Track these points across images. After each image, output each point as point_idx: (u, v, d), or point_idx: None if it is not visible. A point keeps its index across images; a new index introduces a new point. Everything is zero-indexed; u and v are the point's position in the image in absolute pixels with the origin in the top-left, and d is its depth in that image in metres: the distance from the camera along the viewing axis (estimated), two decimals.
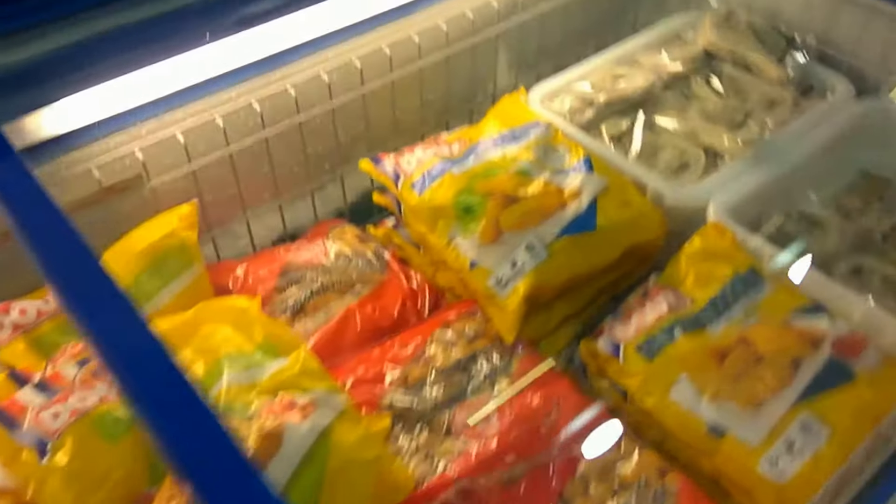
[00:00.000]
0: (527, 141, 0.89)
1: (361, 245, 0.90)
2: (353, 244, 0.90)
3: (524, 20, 1.02)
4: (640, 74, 0.99)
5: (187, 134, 0.80)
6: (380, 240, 0.91)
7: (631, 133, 0.94)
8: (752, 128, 0.91)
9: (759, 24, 1.02)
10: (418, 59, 0.93)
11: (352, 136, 0.96)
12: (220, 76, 0.80)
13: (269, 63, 0.82)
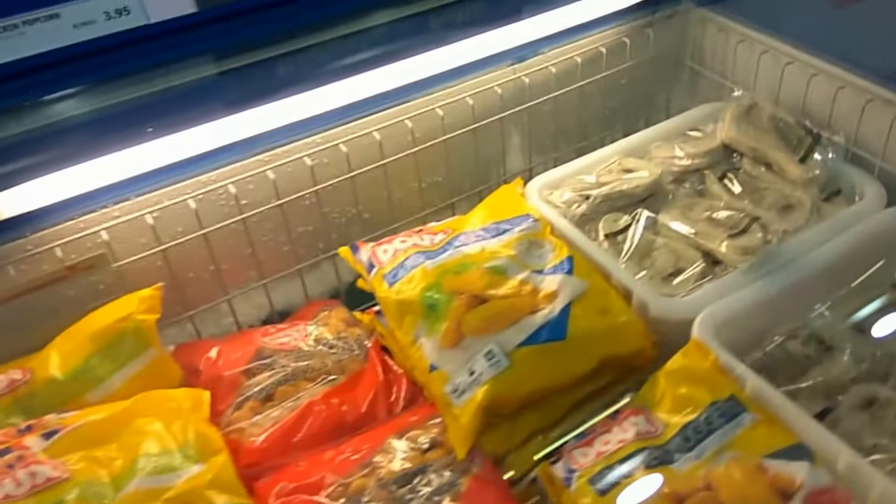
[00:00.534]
0: (511, 235, 0.86)
1: (346, 330, 0.89)
2: (338, 329, 0.89)
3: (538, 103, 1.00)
4: (649, 168, 0.94)
5: (158, 216, 0.81)
6: (365, 326, 0.90)
7: (629, 230, 0.89)
8: (754, 234, 0.84)
9: (784, 119, 0.95)
10: (412, 145, 0.92)
11: (347, 217, 0.95)
12: (197, 158, 0.80)
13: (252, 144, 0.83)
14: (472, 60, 0.91)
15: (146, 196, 0.81)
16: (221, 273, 0.88)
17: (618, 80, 1.04)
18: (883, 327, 0.84)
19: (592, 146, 1.06)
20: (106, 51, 0.77)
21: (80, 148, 0.74)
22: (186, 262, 0.86)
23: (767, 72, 1.00)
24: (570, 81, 0.99)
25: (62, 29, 0.73)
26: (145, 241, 0.82)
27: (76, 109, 0.72)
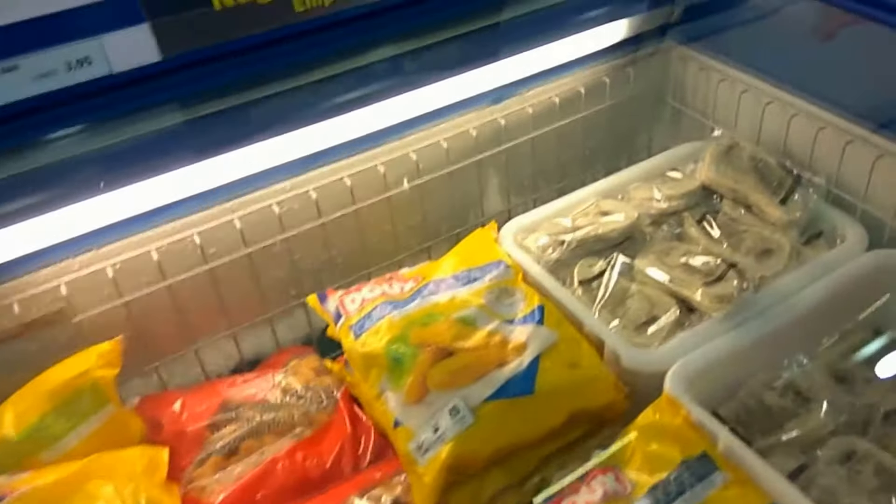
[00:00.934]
0: (482, 283, 0.84)
1: (315, 380, 0.87)
2: (307, 378, 0.87)
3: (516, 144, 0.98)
4: (626, 210, 0.92)
5: (120, 267, 0.80)
6: (335, 375, 0.88)
7: (604, 276, 0.87)
8: (730, 282, 0.82)
9: (764, 160, 0.93)
10: (385, 190, 0.91)
11: (319, 262, 0.94)
12: (162, 207, 0.80)
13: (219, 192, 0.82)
14: (447, 104, 0.90)
15: (109, 247, 0.80)
16: (188, 323, 0.87)
17: (598, 120, 1.03)
18: (863, 376, 0.82)
19: (573, 185, 1.04)
20: (68, 102, 0.76)
21: (41, 200, 0.73)
22: (151, 313, 0.84)
23: (748, 111, 0.98)
24: (548, 122, 0.98)
25: (22, 81, 0.72)
26: (108, 292, 0.81)
27: (37, 161, 0.72)
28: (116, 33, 0.77)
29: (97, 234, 0.78)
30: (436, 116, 0.90)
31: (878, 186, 0.89)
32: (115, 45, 0.77)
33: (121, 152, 0.77)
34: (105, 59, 0.77)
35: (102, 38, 0.76)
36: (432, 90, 0.88)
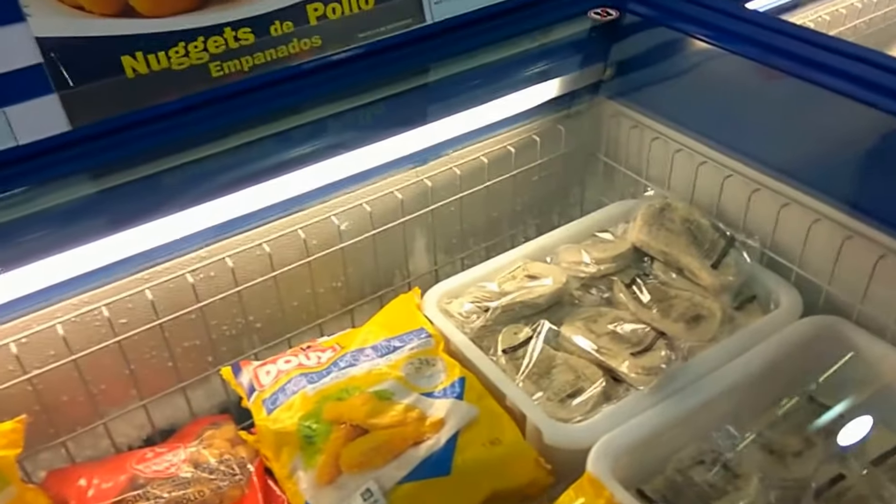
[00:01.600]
0: (401, 354, 0.81)
1: (230, 451, 0.83)
2: (221, 450, 0.82)
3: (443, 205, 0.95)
4: (554, 274, 0.89)
5: (26, 342, 0.76)
6: (251, 446, 0.85)
7: (529, 344, 0.85)
8: (658, 353, 0.80)
9: (697, 221, 0.91)
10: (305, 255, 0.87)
11: (237, 329, 0.90)
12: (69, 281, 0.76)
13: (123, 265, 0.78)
14: (370, 167, 0.88)
15: (12, 323, 0.76)
16: (97, 395, 0.83)
17: (528, 178, 1.01)
18: (795, 449, 0.80)
19: (503, 243, 1.03)
20: None
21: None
22: (58, 386, 0.80)
23: (682, 170, 0.97)
24: (476, 182, 0.96)
25: None
26: (11, 368, 0.76)
27: None
28: (22, 105, 0.74)
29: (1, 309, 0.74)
30: (359, 179, 0.87)
31: (814, 250, 0.87)
32: (20, 117, 0.74)
33: (26, 226, 0.73)
34: (10, 131, 0.74)
35: (6, 109, 0.74)
36: (355, 154, 0.86)
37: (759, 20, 0.89)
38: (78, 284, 0.78)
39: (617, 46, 0.99)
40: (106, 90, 0.79)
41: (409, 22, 0.92)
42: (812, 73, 0.80)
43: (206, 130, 0.82)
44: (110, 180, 0.80)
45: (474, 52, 0.93)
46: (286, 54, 0.86)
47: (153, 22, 0.79)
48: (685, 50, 0.92)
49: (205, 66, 0.83)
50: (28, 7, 0.74)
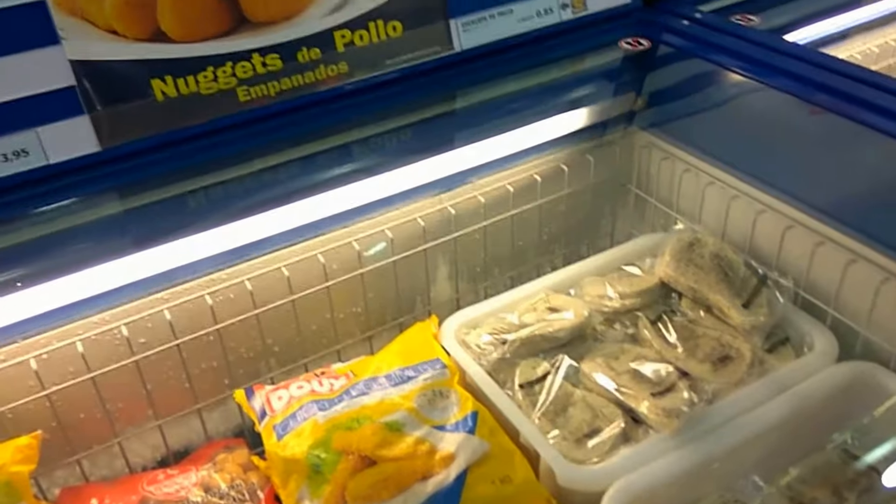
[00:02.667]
0: (414, 384, 0.80)
1: (241, 476, 0.82)
2: (233, 474, 0.82)
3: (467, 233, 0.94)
4: (576, 307, 0.87)
5: (46, 358, 0.77)
6: (262, 472, 0.83)
7: (546, 379, 0.82)
8: (680, 394, 0.76)
9: (727, 258, 0.88)
10: (325, 280, 0.87)
11: (255, 352, 0.90)
12: (92, 298, 0.75)
13: (144, 284, 0.77)
14: (393, 192, 0.87)
15: (34, 339, 0.77)
16: (113, 414, 0.83)
17: (555, 207, 0.99)
18: (826, 503, 0.76)
19: (528, 273, 1.01)
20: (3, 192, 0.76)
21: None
22: (75, 404, 0.81)
23: (713, 205, 0.94)
24: (501, 210, 0.94)
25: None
26: (31, 384, 0.77)
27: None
28: (54, 125, 0.77)
29: (22, 325, 0.74)
30: (382, 205, 0.86)
31: (851, 292, 0.83)
32: (52, 137, 0.77)
33: (50, 244, 0.75)
34: (41, 151, 0.77)
35: (39, 129, 0.76)
36: (379, 179, 0.85)
37: (796, 52, 0.86)
38: (99, 302, 0.78)
39: (649, 77, 0.97)
40: (135, 112, 0.81)
41: (437, 50, 0.92)
42: (850, 109, 0.77)
43: (231, 154, 0.84)
44: (135, 200, 0.81)
45: (502, 80, 0.93)
46: (313, 80, 0.87)
47: (183, 47, 0.81)
48: (719, 82, 0.90)
49: (232, 91, 0.84)
50: (63, 30, 0.76)
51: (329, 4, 0.85)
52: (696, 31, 0.99)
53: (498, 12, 0.93)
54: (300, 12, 0.84)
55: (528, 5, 0.95)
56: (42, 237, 0.76)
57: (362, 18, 0.87)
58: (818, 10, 1.08)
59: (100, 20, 0.77)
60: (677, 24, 1.01)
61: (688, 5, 1.04)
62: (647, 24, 1.02)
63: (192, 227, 0.78)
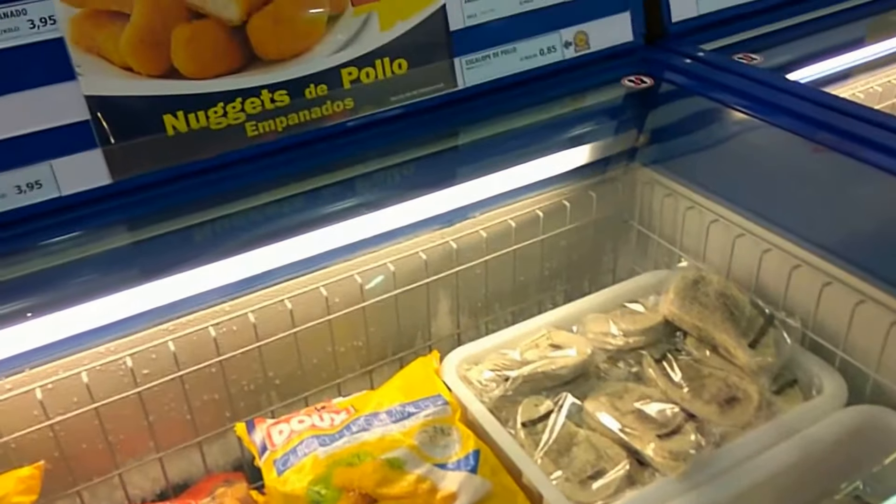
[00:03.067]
0: (416, 420, 0.79)
1: None
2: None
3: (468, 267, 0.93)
4: (579, 345, 0.86)
5: (51, 388, 0.77)
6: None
7: (549, 418, 0.81)
8: (687, 437, 0.75)
9: (733, 297, 0.87)
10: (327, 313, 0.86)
11: (257, 384, 0.89)
12: (97, 329, 0.75)
13: (149, 316, 0.78)
14: (396, 227, 0.87)
15: (39, 369, 0.77)
16: (115, 445, 0.83)
17: (558, 243, 0.99)
18: None
19: (530, 309, 1.00)
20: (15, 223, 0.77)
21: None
22: (78, 434, 0.81)
23: (718, 242, 0.93)
24: (503, 245, 0.94)
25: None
26: (35, 414, 0.77)
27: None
28: (68, 158, 0.79)
29: (30, 355, 0.74)
30: (384, 239, 0.87)
31: (860, 333, 0.81)
32: (65, 169, 0.79)
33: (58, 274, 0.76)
34: (55, 183, 0.79)
35: (53, 162, 0.79)
36: (382, 213, 0.85)
37: (798, 91, 0.87)
38: (106, 333, 0.78)
39: (652, 114, 0.97)
40: (146, 146, 0.83)
41: (442, 87, 0.93)
42: (854, 147, 0.77)
43: (238, 187, 0.85)
44: (143, 233, 0.83)
45: (505, 116, 0.93)
46: (319, 116, 0.88)
47: (195, 83, 0.83)
48: (721, 119, 0.91)
49: (241, 126, 0.86)
50: (80, 66, 0.79)
51: (337, 43, 0.87)
52: (698, 69, 1.00)
53: (502, 51, 0.95)
54: (308, 50, 0.87)
55: (531, 44, 0.96)
56: (51, 268, 0.77)
57: (369, 56, 0.89)
58: (821, 49, 1.09)
59: (115, 57, 0.80)
60: (680, 62, 1.02)
61: (690, 44, 1.05)
62: (649, 62, 1.03)
63: (199, 259, 0.79)
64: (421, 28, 0.90)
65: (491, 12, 0.93)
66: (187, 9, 0.81)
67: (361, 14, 0.87)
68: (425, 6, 0.90)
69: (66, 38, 0.77)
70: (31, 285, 0.75)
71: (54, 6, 0.76)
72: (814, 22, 1.13)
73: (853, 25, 1.15)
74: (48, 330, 0.75)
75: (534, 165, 0.92)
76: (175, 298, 0.79)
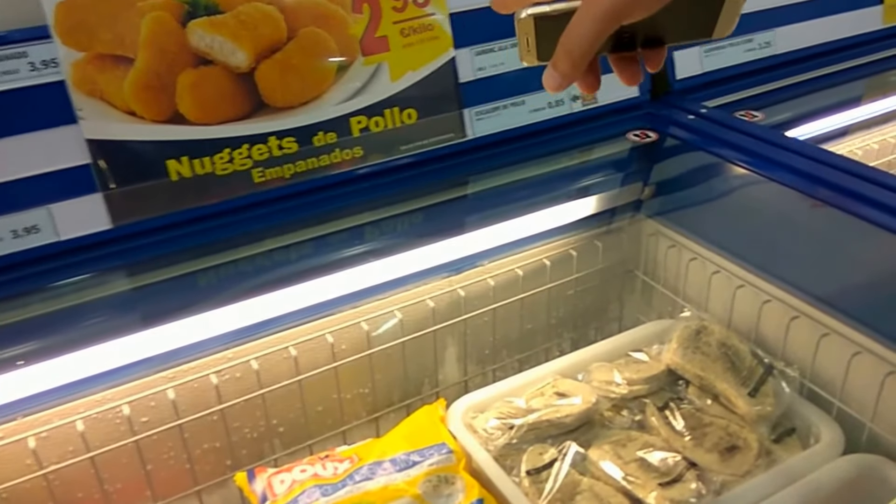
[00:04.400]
0: (420, 469, 0.78)
1: None
2: None
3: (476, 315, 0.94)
4: (584, 393, 0.87)
5: (42, 437, 0.75)
6: None
7: (553, 467, 0.81)
8: (688, 485, 0.75)
9: (734, 346, 0.88)
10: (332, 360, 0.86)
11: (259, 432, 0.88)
12: (90, 378, 0.74)
13: (149, 363, 0.77)
14: (404, 274, 0.88)
15: (33, 417, 0.75)
16: (111, 495, 0.81)
17: (564, 291, 1.00)
18: None
19: (537, 356, 1.01)
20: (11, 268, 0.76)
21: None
22: (73, 484, 0.79)
23: (719, 293, 0.94)
24: (511, 293, 0.95)
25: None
26: (28, 463, 0.76)
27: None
28: (67, 202, 0.78)
29: (24, 402, 0.73)
30: (391, 286, 0.87)
31: (856, 384, 0.82)
32: (64, 214, 0.79)
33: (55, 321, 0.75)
34: (53, 228, 0.78)
35: (51, 206, 0.78)
36: (389, 261, 0.86)
37: (797, 148, 0.89)
38: (103, 380, 0.77)
39: (656, 167, 0.99)
40: (148, 191, 0.82)
41: (451, 137, 0.95)
42: (851, 203, 0.79)
43: (243, 233, 0.85)
44: (144, 278, 0.82)
45: (513, 167, 0.95)
46: (327, 163, 0.89)
47: (201, 129, 0.83)
48: (723, 174, 0.93)
49: (247, 172, 0.86)
50: (81, 110, 0.79)
51: (346, 91, 0.89)
52: (701, 125, 1.02)
53: (511, 103, 0.97)
54: (318, 98, 0.88)
55: (539, 97, 0.98)
56: (48, 314, 0.76)
57: (378, 105, 0.90)
58: (819, 108, 1.12)
59: (118, 101, 0.79)
60: (683, 118, 1.04)
61: (694, 101, 1.07)
62: (654, 117, 1.06)
63: (201, 305, 0.78)
64: (431, 79, 0.92)
65: (501, 66, 0.95)
66: (193, 55, 0.81)
67: (371, 64, 0.89)
68: (435, 58, 0.92)
69: (68, 81, 0.77)
70: (27, 331, 0.74)
71: (56, 49, 0.76)
72: (813, 81, 1.16)
73: (851, 85, 1.18)
74: (42, 377, 0.74)
75: (541, 215, 0.93)
76: (176, 345, 0.78)
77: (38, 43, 0.75)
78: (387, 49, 0.90)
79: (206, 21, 0.81)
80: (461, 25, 0.93)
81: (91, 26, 0.77)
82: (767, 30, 1.16)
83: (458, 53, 0.93)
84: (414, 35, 0.91)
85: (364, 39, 0.88)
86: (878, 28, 1.25)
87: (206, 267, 0.82)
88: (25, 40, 0.75)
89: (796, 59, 1.18)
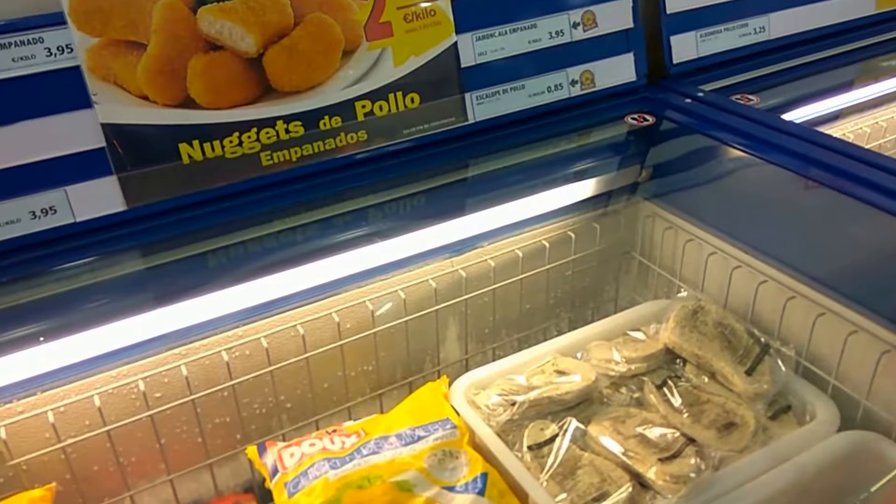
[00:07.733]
0: (425, 444, 0.81)
1: None
2: None
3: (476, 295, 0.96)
4: (584, 371, 0.89)
5: (63, 411, 0.78)
6: None
7: (555, 442, 0.84)
8: (687, 460, 0.78)
9: (731, 326, 0.90)
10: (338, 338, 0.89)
11: (268, 408, 0.91)
12: (111, 353, 0.77)
13: (162, 340, 0.80)
14: (407, 255, 0.90)
15: (51, 392, 0.78)
16: (126, 468, 0.84)
17: (563, 272, 1.02)
18: None
19: (536, 336, 1.03)
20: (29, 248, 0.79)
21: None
22: (90, 457, 0.82)
23: (715, 274, 0.96)
24: (510, 274, 0.97)
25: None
26: (47, 436, 0.78)
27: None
28: (83, 184, 0.81)
29: (43, 378, 0.76)
30: (394, 267, 0.89)
31: (852, 362, 0.85)
32: (80, 196, 0.81)
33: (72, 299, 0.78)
34: (69, 209, 0.81)
35: (68, 188, 0.81)
36: (393, 242, 0.88)
37: (792, 130, 0.91)
38: (119, 357, 0.80)
39: (653, 150, 1.02)
40: (161, 174, 0.85)
41: (452, 121, 0.97)
42: (844, 184, 0.81)
43: (252, 215, 0.87)
44: (157, 259, 0.84)
45: (513, 150, 0.97)
46: (333, 147, 0.91)
47: (212, 113, 0.86)
48: (719, 156, 0.94)
49: (256, 156, 0.89)
50: (96, 95, 0.81)
51: (351, 76, 0.91)
52: (698, 108, 1.04)
53: (511, 87, 0.99)
54: (324, 83, 0.90)
55: (539, 81, 1.01)
56: (65, 293, 0.79)
57: (382, 90, 0.92)
58: (814, 92, 1.14)
59: (132, 86, 0.82)
60: (680, 101, 1.07)
61: (690, 84, 1.09)
62: (651, 101, 1.08)
63: (212, 285, 0.81)
64: (433, 64, 0.94)
65: (501, 51, 0.97)
66: (204, 40, 0.83)
67: (375, 49, 0.91)
68: (437, 43, 0.94)
69: (83, 66, 0.79)
70: (44, 309, 0.77)
71: (71, 35, 0.78)
72: (807, 65, 1.18)
73: (845, 69, 1.20)
74: (61, 354, 0.76)
75: (540, 198, 0.95)
76: (188, 324, 0.81)
77: (54, 29, 0.77)
78: (390, 34, 0.92)
79: (215, 7, 0.83)
80: (462, 11, 0.95)
81: (105, 13, 0.79)
82: (762, 15, 1.17)
83: (459, 38, 0.95)
84: (417, 20, 0.93)
85: (368, 25, 0.90)
86: (871, 13, 1.27)
87: (216, 248, 0.84)
88: (41, 26, 0.77)
89: (791, 43, 1.20)
